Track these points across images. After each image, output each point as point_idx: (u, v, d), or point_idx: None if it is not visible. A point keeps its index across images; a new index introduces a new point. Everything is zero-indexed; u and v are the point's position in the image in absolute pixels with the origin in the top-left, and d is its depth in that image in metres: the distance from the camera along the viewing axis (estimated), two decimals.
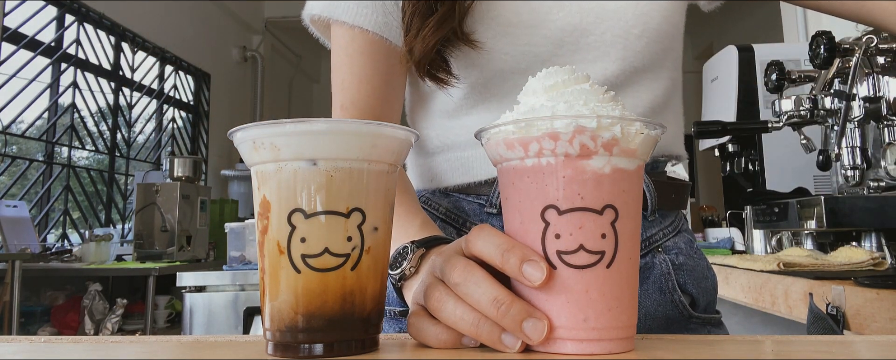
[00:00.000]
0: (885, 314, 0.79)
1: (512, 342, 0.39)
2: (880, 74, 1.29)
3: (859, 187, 1.32)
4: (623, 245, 0.39)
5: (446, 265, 0.41)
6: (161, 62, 4.44)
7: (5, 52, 3.00)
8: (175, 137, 4.65)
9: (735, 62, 1.99)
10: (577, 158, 0.39)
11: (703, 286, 0.73)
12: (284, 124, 0.40)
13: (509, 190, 0.42)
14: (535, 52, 0.68)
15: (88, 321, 2.88)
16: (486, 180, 0.71)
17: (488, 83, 0.69)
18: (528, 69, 0.68)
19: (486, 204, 0.72)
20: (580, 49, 0.68)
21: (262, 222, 0.41)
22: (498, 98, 0.70)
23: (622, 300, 0.39)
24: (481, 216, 0.72)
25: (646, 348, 0.41)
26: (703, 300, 0.73)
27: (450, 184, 0.74)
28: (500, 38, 0.67)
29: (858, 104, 1.30)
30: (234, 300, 2.63)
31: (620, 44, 0.68)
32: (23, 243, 2.78)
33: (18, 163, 3.22)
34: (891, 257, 1.16)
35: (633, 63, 0.69)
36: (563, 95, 0.41)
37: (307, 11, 0.74)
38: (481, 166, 0.71)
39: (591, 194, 0.39)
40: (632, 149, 0.39)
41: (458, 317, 0.40)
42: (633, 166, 0.40)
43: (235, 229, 2.77)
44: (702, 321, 0.72)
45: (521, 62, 0.68)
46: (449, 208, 0.74)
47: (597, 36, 0.68)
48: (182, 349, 0.45)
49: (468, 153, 0.72)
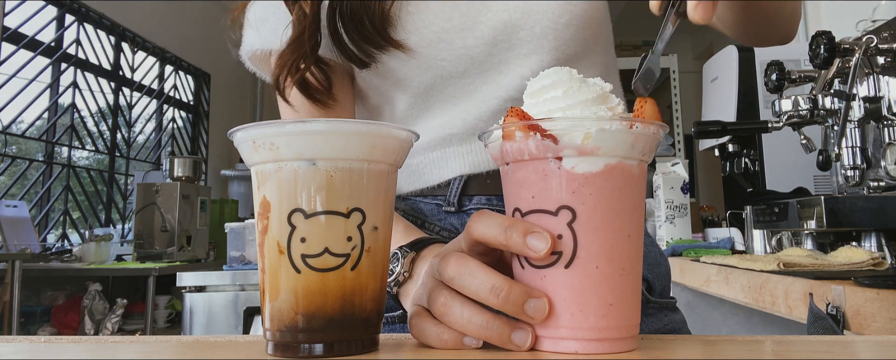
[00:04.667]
0: (885, 314, 0.79)
1: (522, 339, 0.39)
2: (880, 73, 1.29)
3: (859, 186, 1.32)
4: (587, 246, 0.38)
5: (441, 263, 0.42)
6: (161, 62, 4.44)
7: (5, 52, 3.00)
8: (175, 137, 4.65)
9: (735, 62, 1.99)
10: (530, 161, 0.39)
11: (657, 272, 0.75)
12: (284, 124, 0.40)
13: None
14: (471, 54, 0.69)
15: (88, 321, 2.88)
16: (438, 183, 0.73)
17: (430, 90, 0.71)
18: (467, 72, 0.70)
19: (443, 203, 0.73)
20: (513, 45, 0.70)
21: (262, 222, 0.41)
22: (440, 104, 0.72)
23: (605, 300, 0.39)
24: (439, 215, 0.73)
25: (646, 348, 0.41)
26: (659, 285, 0.75)
27: (404, 191, 0.76)
28: (435, 45, 0.69)
29: (858, 104, 1.30)
30: (234, 299, 2.62)
31: (551, 34, 0.70)
32: (23, 243, 2.78)
33: (18, 163, 3.22)
34: (891, 257, 1.16)
35: (566, 52, 0.71)
36: (556, 100, 0.41)
37: (246, 49, 0.76)
38: (433, 172, 0.73)
39: (541, 195, 0.39)
40: (588, 149, 0.38)
41: (465, 320, 0.40)
42: (598, 167, 0.39)
43: (235, 229, 2.77)
44: (658, 305, 0.74)
45: (458, 66, 0.69)
46: (406, 210, 0.75)
47: (527, 30, 0.70)
48: (182, 349, 0.45)
49: (418, 160, 0.74)
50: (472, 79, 0.71)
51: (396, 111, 0.74)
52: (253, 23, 0.75)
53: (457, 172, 0.72)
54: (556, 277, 0.39)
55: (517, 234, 0.38)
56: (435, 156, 0.73)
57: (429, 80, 0.70)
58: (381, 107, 0.76)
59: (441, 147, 0.72)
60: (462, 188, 0.72)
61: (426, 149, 0.73)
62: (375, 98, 0.75)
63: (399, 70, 0.69)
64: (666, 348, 0.41)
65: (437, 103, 0.72)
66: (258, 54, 0.76)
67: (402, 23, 0.69)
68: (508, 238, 0.39)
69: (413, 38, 0.68)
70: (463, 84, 0.71)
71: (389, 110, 0.75)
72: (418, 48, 0.68)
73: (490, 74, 0.71)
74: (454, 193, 0.72)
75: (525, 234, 0.38)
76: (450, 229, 0.72)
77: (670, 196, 1.94)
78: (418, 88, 0.71)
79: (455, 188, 0.72)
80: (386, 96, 0.74)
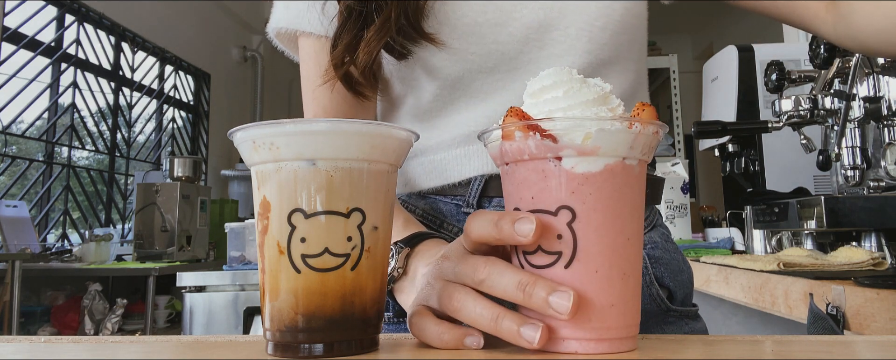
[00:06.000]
0: (885, 314, 0.79)
1: (531, 334, 0.38)
2: (880, 73, 1.29)
3: (859, 187, 1.32)
4: (587, 247, 0.38)
5: (464, 267, 0.41)
6: (161, 62, 4.44)
7: (5, 52, 3.00)
8: (175, 137, 4.65)
9: (735, 62, 1.99)
10: (529, 160, 0.39)
11: (680, 279, 0.74)
12: (284, 124, 0.40)
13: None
14: (502, 50, 0.68)
15: (88, 321, 2.88)
16: (459, 181, 0.72)
17: (457, 84, 0.70)
18: (496, 68, 0.69)
19: (462, 204, 0.72)
20: (546, 45, 0.69)
21: (262, 223, 0.41)
22: (466, 99, 0.71)
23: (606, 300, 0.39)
24: (458, 217, 0.72)
25: (646, 348, 0.41)
26: (680, 293, 0.74)
27: (424, 187, 0.74)
28: (467, 38, 0.68)
29: (858, 104, 1.30)
30: (234, 299, 2.63)
31: (585, 37, 0.69)
32: (23, 243, 2.78)
33: (18, 163, 3.22)
34: (891, 257, 1.16)
35: (600, 56, 0.70)
36: (557, 100, 0.40)
37: (272, 25, 0.75)
38: (455, 169, 0.72)
39: (540, 195, 0.39)
40: (587, 149, 0.38)
41: (477, 314, 0.40)
42: (598, 167, 0.39)
43: (235, 229, 2.77)
44: (679, 314, 0.73)
45: (488, 61, 0.68)
46: (426, 209, 0.74)
47: (561, 30, 0.69)
48: (182, 349, 0.45)
49: (440, 156, 0.72)
50: (501, 75, 0.69)
51: (421, 102, 0.72)
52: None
53: (478, 170, 0.71)
54: (557, 276, 0.39)
55: (507, 224, 0.39)
56: (459, 152, 0.71)
57: (458, 71, 0.69)
58: (404, 97, 0.74)
59: (465, 144, 0.71)
60: (482, 189, 0.71)
61: (450, 145, 0.72)
62: (400, 87, 0.74)
63: (429, 59, 0.68)
64: (666, 348, 0.41)
65: (464, 97, 0.71)
66: (284, 32, 0.74)
67: (436, 13, 0.68)
68: (500, 230, 0.39)
69: (445, 29, 0.67)
70: (492, 80, 0.70)
71: (413, 101, 0.73)
72: (449, 40, 0.67)
73: (520, 72, 0.69)
74: (474, 193, 0.71)
75: (513, 222, 0.39)
76: None
77: (670, 196, 1.94)
78: (447, 79, 0.69)
79: (475, 188, 0.71)
80: (412, 85, 0.72)
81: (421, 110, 0.73)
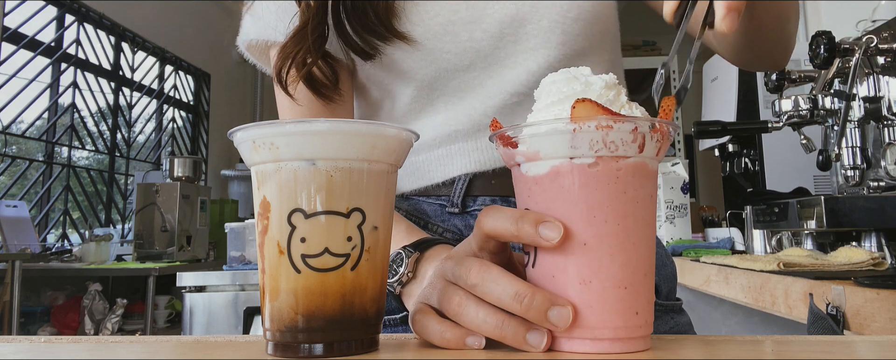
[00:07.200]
0: (885, 314, 0.79)
1: (537, 340, 0.38)
2: (880, 73, 1.29)
3: (859, 187, 1.32)
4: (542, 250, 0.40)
5: (460, 268, 0.41)
6: (161, 62, 4.44)
7: (5, 52, 3.00)
8: (175, 137, 4.65)
9: None
10: (514, 165, 0.42)
11: (664, 273, 0.74)
12: (284, 124, 0.40)
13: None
14: (477, 47, 0.68)
15: (88, 321, 2.87)
16: (443, 181, 0.71)
17: (434, 85, 0.70)
18: (472, 66, 0.69)
19: (447, 204, 0.72)
20: (520, 39, 0.69)
21: (262, 223, 0.41)
22: (445, 99, 0.71)
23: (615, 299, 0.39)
24: (443, 217, 0.72)
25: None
26: (665, 286, 0.74)
27: (407, 190, 0.74)
28: (441, 38, 0.68)
29: (858, 104, 1.30)
30: (234, 299, 2.62)
31: (559, 29, 0.69)
32: (23, 243, 2.78)
33: (18, 163, 3.22)
34: (891, 257, 1.16)
35: (574, 47, 0.70)
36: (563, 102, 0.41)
37: (243, 38, 0.75)
38: (438, 169, 0.72)
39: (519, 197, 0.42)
40: (530, 153, 0.39)
41: (480, 320, 0.39)
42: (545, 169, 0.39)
43: (235, 229, 2.77)
44: (664, 308, 0.73)
45: (463, 59, 0.68)
46: (409, 210, 0.74)
47: (535, 24, 0.69)
48: (182, 349, 0.45)
49: (422, 158, 0.72)
50: (477, 73, 0.69)
51: (398, 106, 0.72)
52: (253, 11, 0.74)
53: (462, 169, 0.70)
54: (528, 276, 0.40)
55: (529, 224, 0.38)
56: (439, 153, 0.71)
57: (433, 73, 0.69)
58: (381, 101, 0.74)
59: (446, 144, 0.71)
60: (466, 188, 0.70)
61: (430, 146, 0.71)
62: (376, 92, 0.74)
63: (403, 62, 0.68)
64: (666, 348, 0.41)
65: (442, 98, 0.70)
66: (255, 44, 0.74)
67: (408, 14, 0.68)
68: (520, 229, 0.39)
69: (418, 29, 0.67)
70: (468, 78, 0.70)
71: (390, 105, 0.73)
72: (423, 40, 0.67)
73: (496, 68, 0.69)
74: (458, 193, 0.71)
75: (536, 224, 0.38)
76: (453, 230, 0.71)
77: (670, 196, 1.94)
78: (422, 82, 0.69)
79: (459, 188, 0.71)
80: (388, 90, 0.72)
81: (399, 114, 0.73)
